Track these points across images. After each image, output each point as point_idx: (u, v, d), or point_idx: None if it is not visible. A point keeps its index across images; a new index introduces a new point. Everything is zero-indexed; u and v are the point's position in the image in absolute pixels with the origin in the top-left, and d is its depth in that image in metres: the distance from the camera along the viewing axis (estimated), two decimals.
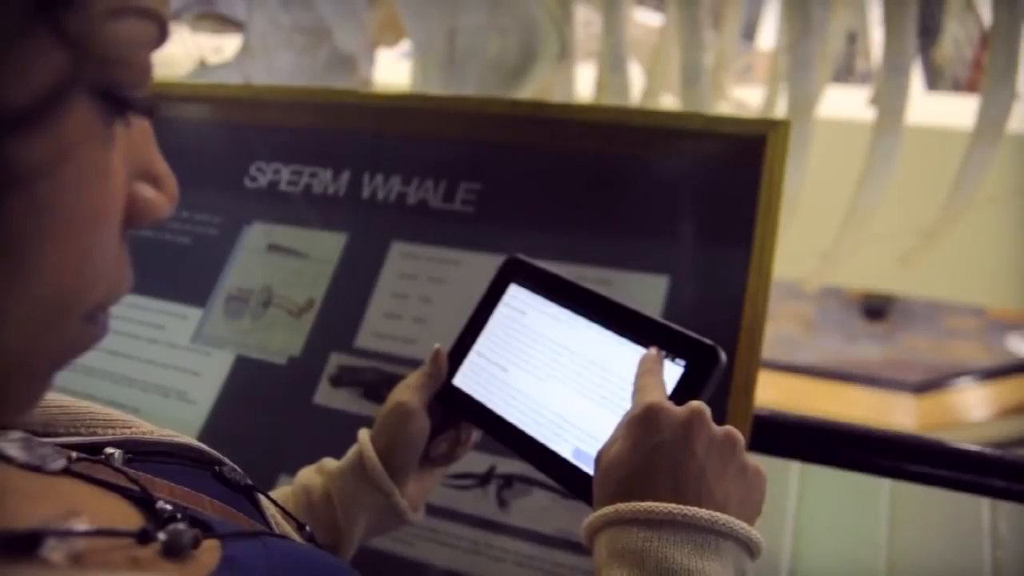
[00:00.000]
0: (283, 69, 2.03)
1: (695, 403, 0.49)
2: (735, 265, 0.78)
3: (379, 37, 2.18)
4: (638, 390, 0.52)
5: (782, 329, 6.05)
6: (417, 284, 0.90)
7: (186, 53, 2.22)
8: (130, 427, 0.48)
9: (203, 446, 0.51)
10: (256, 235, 0.99)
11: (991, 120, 1.27)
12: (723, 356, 0.54)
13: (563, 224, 0.88)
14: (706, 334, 0.55)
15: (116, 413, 0.49)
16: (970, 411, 3.51)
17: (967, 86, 3.38)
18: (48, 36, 0.25)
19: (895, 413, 3.52)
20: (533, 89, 1.58)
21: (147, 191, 0.33)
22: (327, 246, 0.96)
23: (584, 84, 1.82)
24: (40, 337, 0.29)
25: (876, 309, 6.36)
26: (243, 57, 2.01)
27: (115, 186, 0.30)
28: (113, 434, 0.46)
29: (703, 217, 0.82)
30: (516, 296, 0.64)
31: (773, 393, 3.71)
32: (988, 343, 6.18)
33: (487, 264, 0.71)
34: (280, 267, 0.96)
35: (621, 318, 0.58)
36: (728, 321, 0.76)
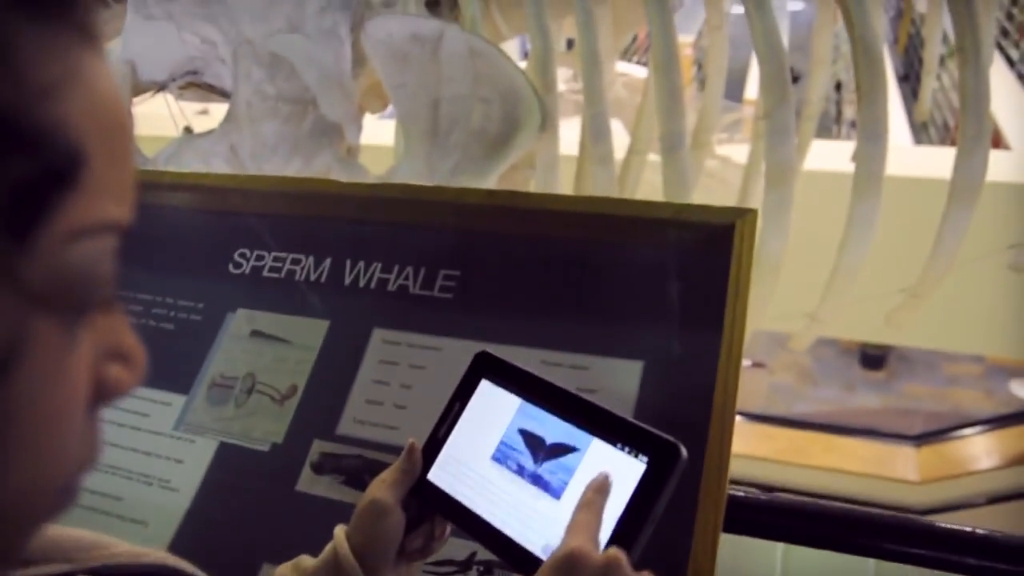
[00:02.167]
0: (268, 138, 2.05)
1: (614, 553, 0.51)
2: (707, 350, 0.79)
3: (364, 103, 2.22)
4: (569, 528, 0.54)
5: (779, 379, 6.03)
6: (398, 371, 0.91)
7: (171, 120, 2.25)
8: (106, 550, 0.48)
9: (179, 563, 0.51)
10: (240, 322, 1.00)
11: (966, 185, 1.29)
12: (684, 453, 0.55)
13: (540, 310, 0.89)
14: (678, 419, 0.57)
15: (91, 537, 0.49)
16: (973, 461, 3.48)
17: (954, 136, 3.45)
18: (2, 287, 0.25)
19: (897, 465, 3.50)
20: (517, 158, 1.61)
21: (115, 371, 0.33)
22: (310, 332, 0.96)
23: (569, 143, 1.84)
24: (11, 515, 0.30)
25: (874, 357, 6.36)
26: (228, 126, 2.04)
27: (80, 381, 0.30)
28: (88, 561, 0.46)
29: (675, 303, 0.84)
30: (487, 391, 0.65)
31: (773, 447, 3.69)
32: (990, 389, 6.15)
33: (467, 351, 0.72)
34: (263, 354, 0.97)
35: (588, 415, 0.60)
36: (700, 406, 0.77)
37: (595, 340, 0.85)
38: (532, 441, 0.61)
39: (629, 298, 0.86)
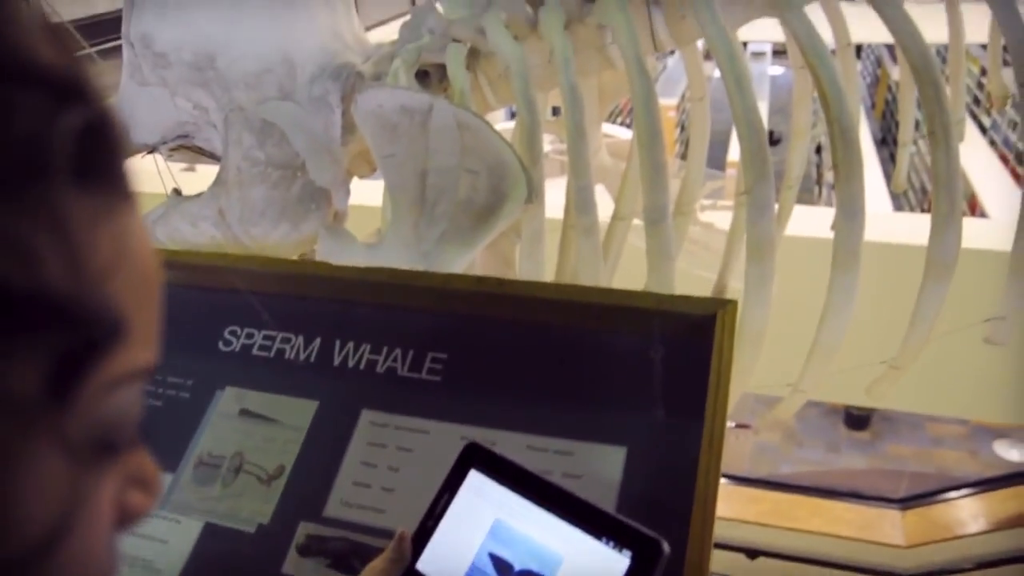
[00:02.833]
0: (257, 202, 2.07)
1: None
2: (690, 437, 0.81)
3: (353, 168, 2.25)
4: None
5: (764, 439, 6.04)
6: (386, 453, 0.92)
7: (159, 176, 2.27)
8: None
9: None
10: (228, 400, 1.00)
11: (939, 262, 1.33)
12: (666, 549, 0.57)
13: (525, 395, 0.91)
14: (661, 505, 0.59)
15: None
16: (960, 526, 3.47)
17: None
18: (53, 448, 0.27)
19: (883, 529, 3.49)
20: (504, 228, 1.63)
21: (135, 497, 0.34)
22: (298, 412, 0.97)
23: (554, 205, 1.86)
24: None
25: (859, 418, 6.39)
26: (217, 190, 2.06)
27: (107, 515, 0.31)
28: None
29: (658, 390, 0.85)
30: (476, 482, 0.66)
31: (758, 510, 3.67)
32: (974, 450, 6.17)
33: (454, 434, 0.73)
34: (251, 433, 0.97)
35: (574, 508, 0.61)
36: (682, 493, 0.78)
37: (579, 425, 0.87)
38: (500, 567, 0.62)
39: (613, 384, 0.88)
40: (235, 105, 2.08)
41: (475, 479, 0.65)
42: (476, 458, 0.66)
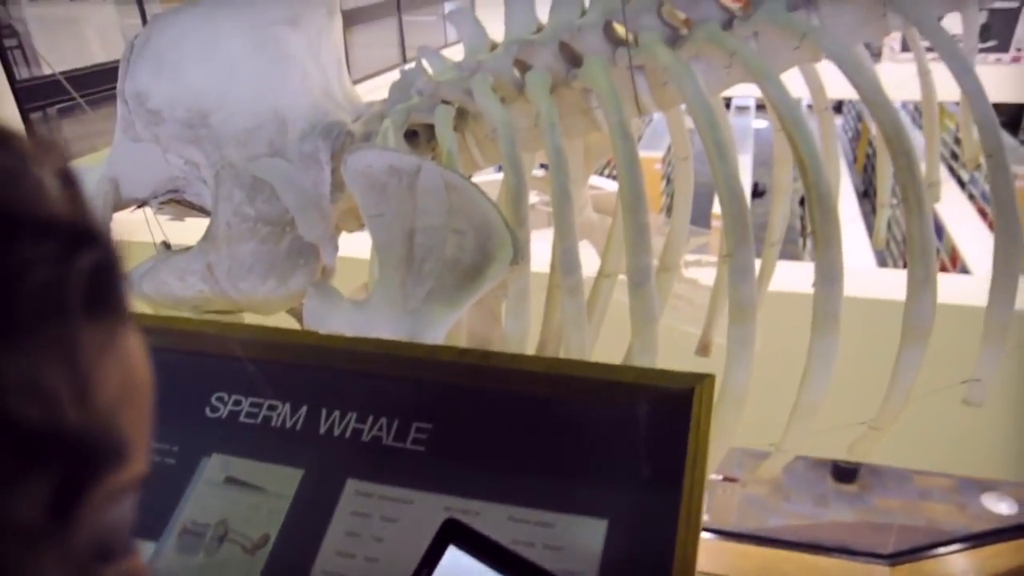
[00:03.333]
0: (245, 257, 2.08)
1: None
2: (669, 509, 0.82)
3: (341, 224, 2.27)
4: None
5: (752, 492, 6.02)
6: (370, 523, 0.92)
7: (149, 234, 2.28)
8: None
9: None
10: (214, 467, 1.01)
11: (916, 327, 1.35)
12: None
13: (507, 466, 0.92)
14: None
15: None
16: None
17: None
18: (55, 563, 0.28)
19: None
20: (490, 288, 1.65)
21: None
22: (284, 481, 0.98)
23: (539, 260, 1.88)
24: None
25: (846, 470, 6.39)
26: (206, 245, 2.07)
27: None
28: None
29: (638, 463, 0.87)
30: (454, 558, 0.66)
31: (747, 566, 3.65)
32: (962, 503, 6.17)
33: (438, 505, 0.74)
34: (237, 501, 0.97)
35: None
36: (661, 567, 0.79)
37: (561, 497, 0.88)
38: None
39: (594, 457, 0.89)
40: (226, 161, 2.11)
41: (453, 555, 0.66)
42: (455, 534, 0.67)
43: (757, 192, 11.86)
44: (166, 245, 2.32)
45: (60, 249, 0.27)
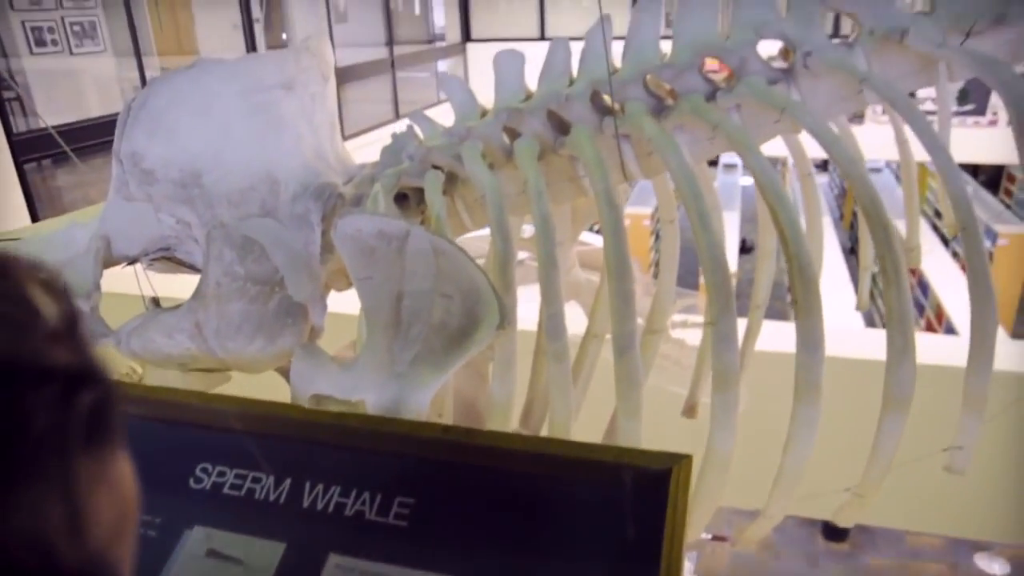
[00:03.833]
0: (234, 317, 2.09)
1: None
2: None
3: (331, 283, 2.29)
4: None
5: (742, 550, 5.94)
6: None
7: (138, 291, 2.29)
8: None
9: None
10: (197, 540, 1.01)
11: (896, 396, 1.38)
12: None
13: (488, 542, 0.93)
14: None
15: None
16: None
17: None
18: None
19: None
20: (476, 352, 1.66)
21: None
22: (265, 554, 0.98)
23: (526, 318, 1.89)
24: None
25: (837, 529, 6.32)
26: (195, 303, 2.08)
27: None
28: None
29: (617, 542, 0.88)
30: None
31: None
32: (955, 563, 6.10)
33: None
34: (218, 575, 0.97)
35: None
36: None
37: (540, 574, 0.88)
38: None
39: (573, 534, 0.90)
40: (218, 221, 2.13)
41: None
42: None
43: (745, 248, 11.97)
44: (155, 302, 2.33)
45: (60, 393, 0.28)
